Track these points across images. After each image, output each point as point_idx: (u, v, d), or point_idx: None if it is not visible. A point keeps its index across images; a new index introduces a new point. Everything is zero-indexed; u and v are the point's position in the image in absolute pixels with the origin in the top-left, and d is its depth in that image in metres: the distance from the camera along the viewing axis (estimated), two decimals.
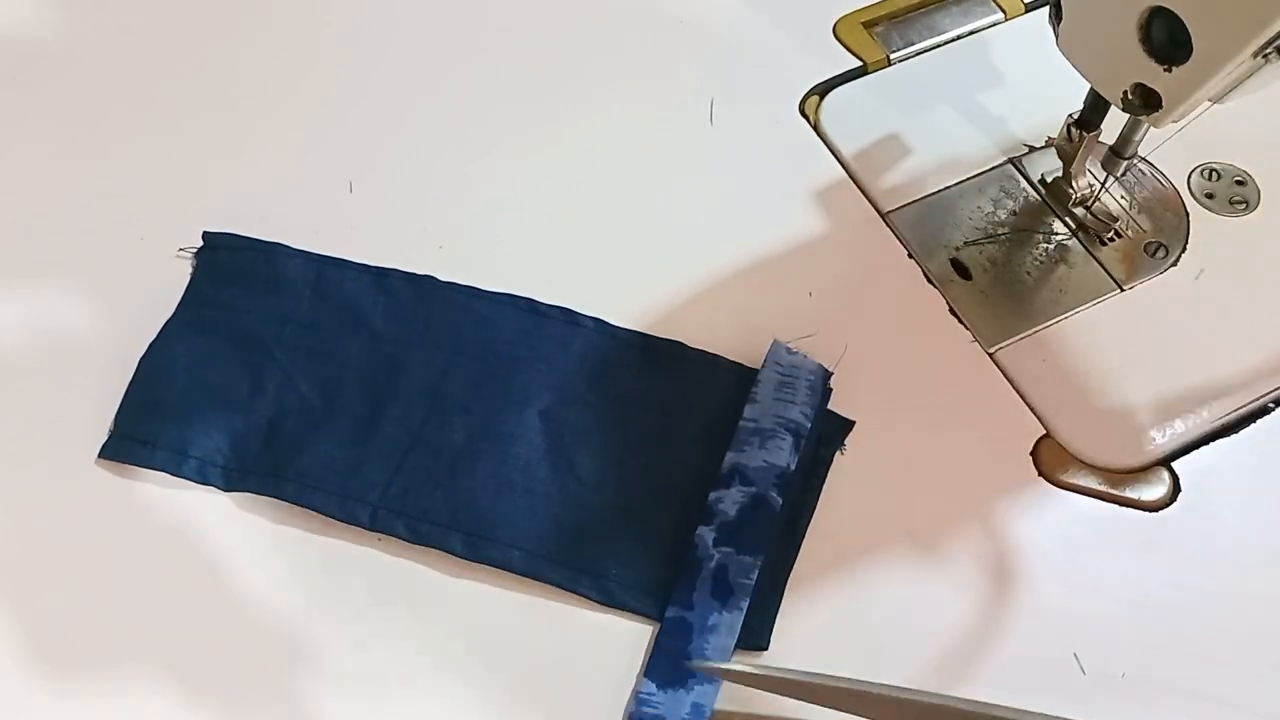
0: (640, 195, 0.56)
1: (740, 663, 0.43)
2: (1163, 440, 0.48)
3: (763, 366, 0.49)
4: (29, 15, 0.62)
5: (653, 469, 0.47)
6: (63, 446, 0.48)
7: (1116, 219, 0.54)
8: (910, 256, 0.54)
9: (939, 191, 0.56)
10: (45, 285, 0.52)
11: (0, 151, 0.57)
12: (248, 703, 0.43)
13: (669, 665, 0.43)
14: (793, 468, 0.46)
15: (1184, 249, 0.53)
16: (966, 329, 0.51)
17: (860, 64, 0.61)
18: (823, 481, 0.47)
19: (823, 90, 0.60)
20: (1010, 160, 0.57)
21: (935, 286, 0.53)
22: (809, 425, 0.47)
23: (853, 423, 0.48)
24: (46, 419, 0.49)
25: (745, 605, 0.44)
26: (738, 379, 0.49)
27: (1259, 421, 0.49)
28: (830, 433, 0.48)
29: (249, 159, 0.57)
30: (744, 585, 0.44)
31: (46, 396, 0.49)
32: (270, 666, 0.44)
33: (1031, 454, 0.48)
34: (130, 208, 0.55)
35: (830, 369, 0.49)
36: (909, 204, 0.55)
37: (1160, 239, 0.54)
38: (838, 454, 0.48)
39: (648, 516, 0.47)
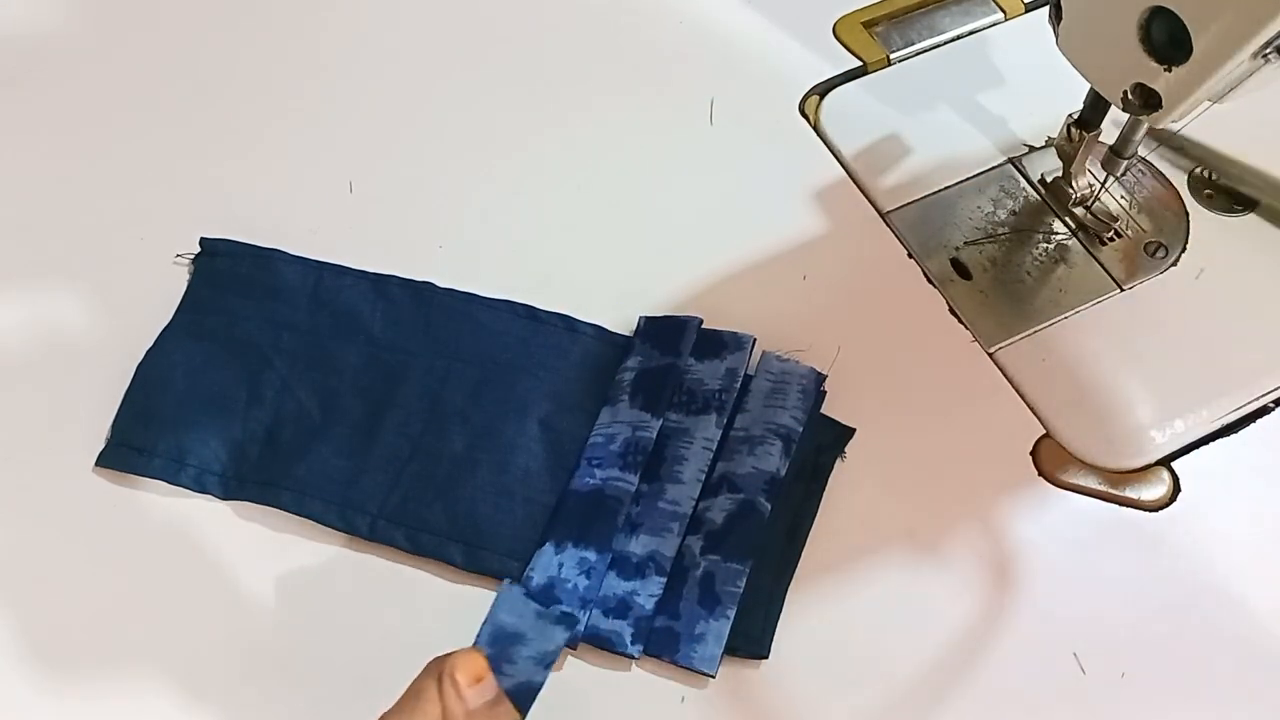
0: (640, 196, 0.56)
1: None
2: (1163, 440, 0.48)
3: (754, 376, 0.49)
4: (29, 17, 0.62)
5: None
6: (61, 451, 0.48)
7: (1116, 219, 0.54)
8: (910, 256, 0.54)
9: (939, 191, 0.56)
10: (42, 290, 0.52)
11: None
12: (244, 708, 0.43)
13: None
14: (783, 473, 0.46)
15: (1184, 249, 0.53)
16: (966, 329, 0.51)
17: (860, 64, 0.60)
18: (823, 489, 0.47)
19: (823, 90, 0.60)
20: (1010, 160, 0.57)
21: (935, 286, 0.53)
22: (800, 429, 0.47)
23: (853, 430, 0.48)
24: (44, 424, 0.49)
25: (733, 613, 0.43)
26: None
27: (1259, 421, 0.49)
28: (830, 441, 0.48)
29: (249, 160, 0.57)
30: (731, 593, 0.44)
31: (44, 401, 0.49)
32: (267, 672, 0.44)
33: (1031, 454, 0.48)
34: (128, 211, 0.55)
35: (824, 372, 0.49)
36: (909, 204, 0.55)
37: (1160, 239, 0.54)
38: (838, 461, 0.48)
39: None
